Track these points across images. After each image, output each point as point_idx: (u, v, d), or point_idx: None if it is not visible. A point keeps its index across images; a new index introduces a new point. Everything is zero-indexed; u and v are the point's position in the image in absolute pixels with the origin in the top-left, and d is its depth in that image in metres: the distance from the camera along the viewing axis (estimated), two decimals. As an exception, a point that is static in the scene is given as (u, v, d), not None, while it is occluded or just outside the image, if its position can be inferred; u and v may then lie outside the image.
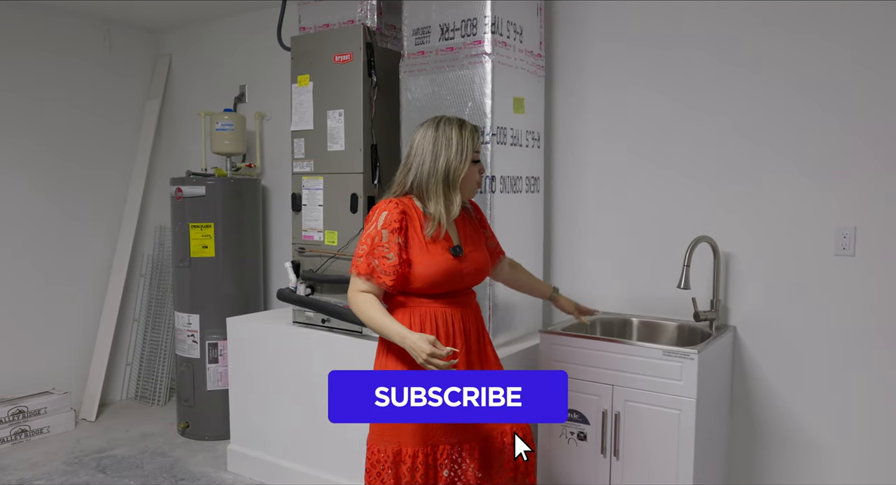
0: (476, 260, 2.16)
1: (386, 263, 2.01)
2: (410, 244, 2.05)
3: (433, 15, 2.98)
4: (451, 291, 2.10)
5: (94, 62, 4.62)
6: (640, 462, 2.56)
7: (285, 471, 3.38)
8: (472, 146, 2.08)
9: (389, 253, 2.01)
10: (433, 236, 2.06)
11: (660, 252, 3.04)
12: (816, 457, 2.77)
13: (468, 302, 2.18)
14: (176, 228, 4.08)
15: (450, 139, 2.05)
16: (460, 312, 2.12)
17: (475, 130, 2.12)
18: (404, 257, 2.03)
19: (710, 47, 2.91)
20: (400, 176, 2.13)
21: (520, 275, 2.55)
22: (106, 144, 4.69)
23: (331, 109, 3.24)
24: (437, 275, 2.05)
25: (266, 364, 3.43)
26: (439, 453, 2.06)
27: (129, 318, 4.82)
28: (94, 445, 4.01)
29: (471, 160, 2.08)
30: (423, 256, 2.05)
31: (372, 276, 2.03)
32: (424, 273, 2.04)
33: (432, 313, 2.08)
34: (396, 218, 2.04)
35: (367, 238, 2.05)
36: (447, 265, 2.06)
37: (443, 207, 2.06)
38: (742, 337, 2.90)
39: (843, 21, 2.63)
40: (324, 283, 3.29)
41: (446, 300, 2.10)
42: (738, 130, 2.87)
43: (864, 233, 2.63)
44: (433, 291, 2.07)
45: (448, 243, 2.09)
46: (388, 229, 2.03)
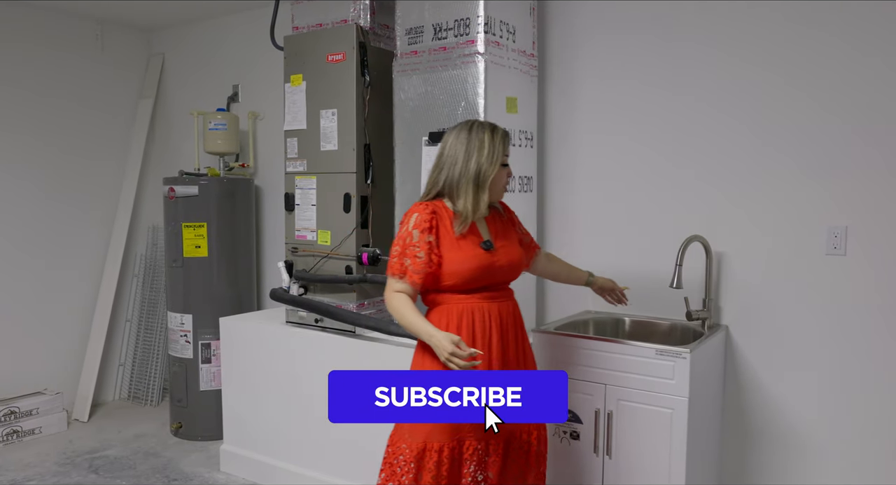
0: (509, 254, 2.22)
1: (417, 262, 2.09)
2: (441, 242, 2.12)
3: (426, 14, 2.98)
4: (485, 285, 2.16)
5: (87, 61, 4.60)
6: (632, 461, 2.56)
7: (278, 471, 3.38)
8: (502, 150, 2.16)
9: (420, 252, 2.09)
10: (462, 233, 2.13)
11: (652, 252, 3.05)
12: (809, 456, 2.78)
13: (505, 297, 2.23)
14: (169, 228, 4.07)
15: (482, 142, 2.13)
16: (497, 307, 2.17)
17: (506, 135, 2.20)
18: (435, 254, 2.10)
19: (703, 46, 2.92)
20: (433, 176, 2.20)
21: (557, 266, 2.63)
22: (98, 144, 4.68)
23: (324, 109, 3.24)
24: (470, 270, 2.11)
25: (259, 364, 3.43)
26: (465, 448, 2.12)
27: (121, 318, 4.80)
28: (86, 445, 4.00)
29: (500, 164, 2.16)
30: (454, 252, 2.11)
31: (405, 275, 2.10)
32: (457, 269, 2.10)
33: (469, 309, 2.13)
34: (426, 218, 2.11)
35: (399, 240, 2.13)
36: (479, 260, 2.12)
37: (470, 204, 2.12)
38: (734, 336, 2.91)
39: (842, 19, 2.64)
40: (317, 282, 3.29)
41: (482, 296, 2.15)
42: (730, 132, 2.88)
43: (855, 232, 2.65)
44: (467, 286, 2.13)
45: (479, 239, 2.16)
46: (418, 229, 2.10)
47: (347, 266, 3.20)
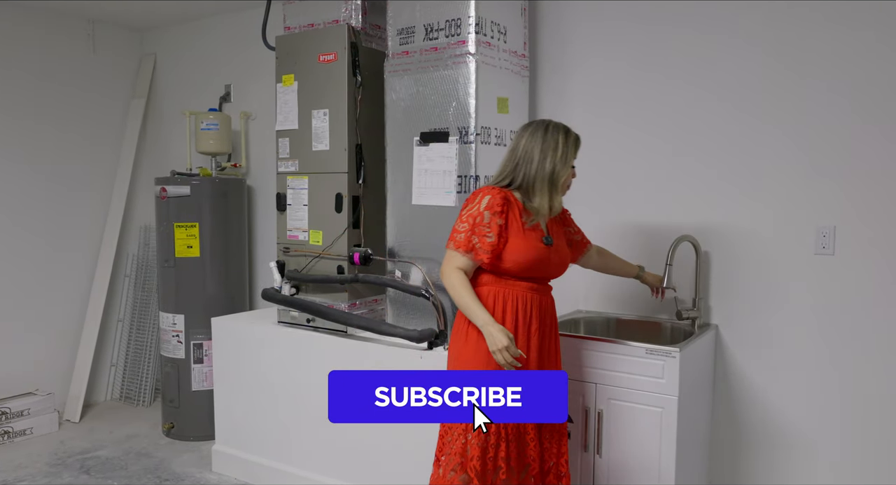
0: (561, 252, 2.39)
1: (486, 242, 2.21)
2: (510, 228, 2.24)
3: (417, 15, 2.99)
4: (535, 277, 2.30)
5: (78, 61, 4.59)
6: (622, 460, 2.58)
7: (270, 471, 3.38)
8: (574, 153, 2.32)
9: (490, 233, 2.21)
10: (532, 225, 2.27)
11: (643, 251, 3.06)
12: (797, 455, 2.80)
13: (547, 291, 2.37)
14: (161, 228, 4.07)
15: (556, 143, 2.27)
16: (539, 298, 2.31)
17: (578, 140, 2.34)
18: (504, 238, 2.23)
19: (695, 47, 2.94)
20: (507, 168, 2.32)
21: (608, 260, 2.77)
22: (90, 144, 4.66)
23: (315, 109, 3.24)
24: (530, 260, 2.25)
25: (251, 364, 3.43)
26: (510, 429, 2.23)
27: (113, 318, 4.79)
28: (78, 446, 3.99)
29: (570, 165, 2.31)
30: (519, 240, 2.24)
31: (471, 251, 2.23)
32: (518, 257, 2.24)
33: (515, 295, 2.26)
34: (499, 202, 2.24)
35: (469, 217, 2.24)
36: (539, 252, 2.27)
37: (547, 203, 2.27)
38: (724, 335, 2.93)
39: (841, 16, 2.66)
40: (308, 282, 3.30)
41: (529, 285, 2.29)
42: (720, 133, 2.90)
43: (843, 232, 2.67)
44: (522, 273, 2.26)
45: (541, 234, 2.30)
46: (490, 211, 2.22)
47: (339, 266, 3.21)
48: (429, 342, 2.88)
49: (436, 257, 2.96)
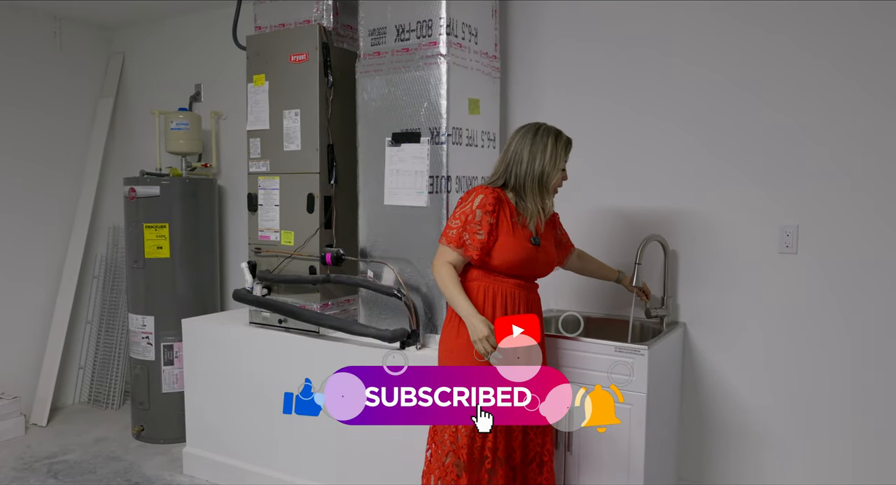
0: (548, 252, 2.46)
1: (476, 239, 2.30)
2: (500, 226, 2.32)
3: (389, 16, 3.00)
4: (523, 275, 2.39)
5: (45, 59, 4.52)
6: (593, 456, 2.61)
7: (242, 472, 3.36)
8: (564, 156, 2.38)
9: (480, 231, 2.30)
10: (522, 225, 2.35)
11: (612, 251, 3.10)
12: (765, 450, 2.86)
13: (533, 289, 2.46)
14: (130, 229, 4.02)
15: (545, 145, 2.34)
16: (525, 295, 2.40)
17: (569, 143, 2.40)
18: (493, 237, 2.31)
19: (662, 47, 2.98)
20: (499, 168, 2.41)
21: (587, 263, 2.84)
22: (57, 143, 4.59)
23: (287, 109, 3.23)
24: (517, 259, 2.33)
25: (222, 365, 3.41)
26: None
27: (81, 320, 4.73)
28: (45, 450, 3.93)
29: (560, 168, 2.37)
30: (509, 238, 2.32)
31: (461, 248, 2.32)
32: (507, 255, 2.32)
33: (503, 290, 2.36)
34: (491, 202, 2.32)
35: (461, 215, 2.33)
36: (527, 252, 2.35)
37: (539, 205, 2.36)
38: (691, 333, 2.98)
39: (792, 21, 2.72)
40: (280, 283, 3.28)
41: (516, 282, 2.37)
42: (688, 131, 2.95)
43: (806, 231, 2.73)
44: (509, 271, 2.35)
45: (530, 234, 2.38)
46: (482, 210, 2.31)
47: (311, 266, 3.20)
48: (401, 342, 2.89)
49: (408, 257, 2.97)
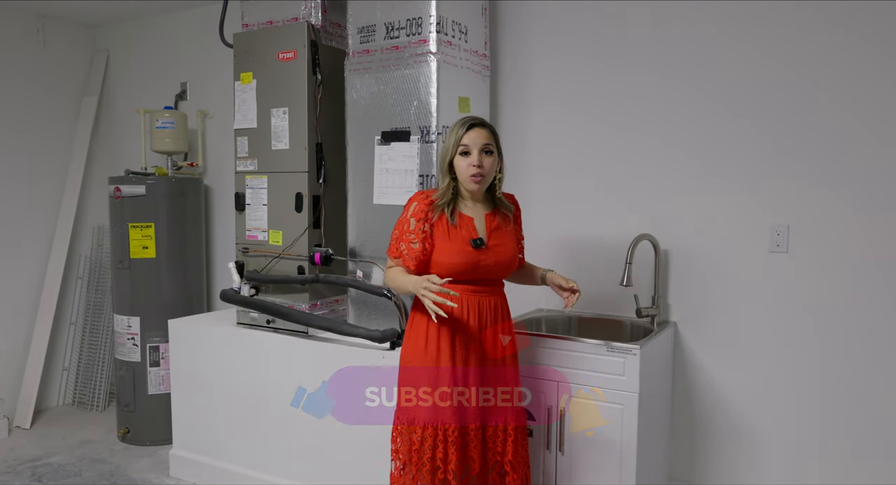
0: (499, 254, 2.29)
1: (411, 249, 2.24)
2: (436, 232, 2.24)
3: (378, 13, 2.97)
4: (470, 279, 2.26)
5: (28, 57, 4.46)
6: (585, 456, 2.60)
7: (229, 474, 3.33)
8: (455, 135, 2.24)
9: (415, 240, 2.23)
10: (457, 226, 2.24)
11: (603, 250, 3.09)
12: (756, 449, 2.86)
13: (489, 292, 2.31)
14: (115, 229, 3.97)
15: (451, 129, 2.27)
16: (478, 300, 2.27)
17: (464, 123, 2.25)
18: (428, 243, 2.23)
19: (657, 44, 2.98)
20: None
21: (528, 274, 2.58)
22: (41, 142, 4.53)
23: (275, 108, 3.20)
24: (455, 265, 2.22)
25: (209, 366, 3.37)
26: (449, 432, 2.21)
27: (65, 321, 4.67)
28: (28, 453, 3.88)
29: (458, 151, 2.23)
30: (445, 244, 2.23)
31: (399, 258, 2.27)
32: (443, 261, 2.23)
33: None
34: (423, 208, 2.24)
35: (398, 225, 2.29)
36: (465, 256, 2.23)
37: (442, 189, 2.26)
38: (682, 332, 2.98)
39: (778, 24, 2.72)
40: (268, 283, 3.25)
41: (465, 288, 2.24)
42: (679, 133, 2.94)
43: (796, 230, 2.73)
44: (455, 278, 2.21)
45: (472, 235, 2.25)
46: (415, 218, 2.24)
47: (300, 266, 3.17)
48: (391, 342, 2.87)
49: (398, 257, 2.95)
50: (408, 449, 2.24)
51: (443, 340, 2.24)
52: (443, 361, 2.23)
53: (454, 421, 2.22)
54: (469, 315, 2.25)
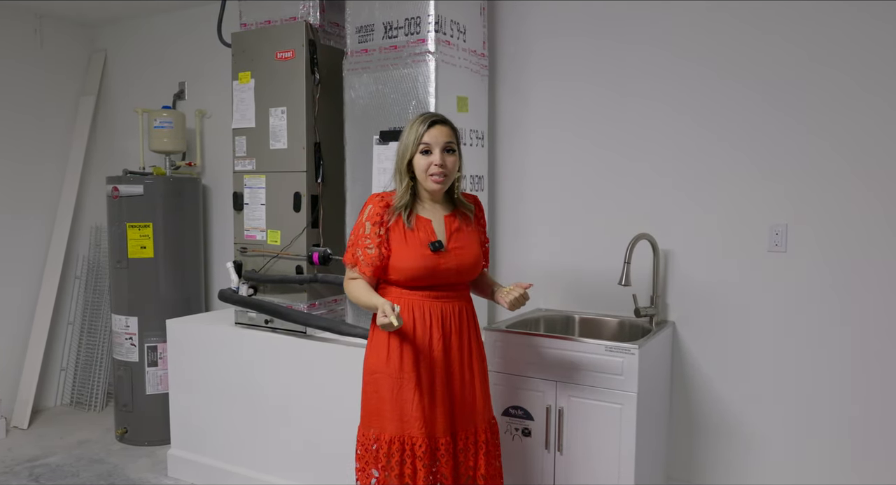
0: (461, 257, 2.18)
1: (367, 255, 2.13)
2: (392, 235, 2.14)
3: (376, 13, 2.97)
4: (430, 285, 2.15)
5: (25, 57, 4.45)
6: (583, 456, 2.60)
7: (227, 474, 3.32)
8: (415, 133, 2.12)
9: (370, 245, 2.12)
10: (414, 229, 2.13)
11: (602, 250, 3.09)
12: (754, 449, 2.86)
13: (452, 297, 2.20)
14: (113, 229, 3.97)
15: (409, 126, 2.14)
16: (440, 306, 2.16)
17: (425, 120, 2.14)
18: (385, 248, 2.13)
19: (651, 42, 2.98)
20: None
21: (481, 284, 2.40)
22: (38, 141, 4.53)
23: (273, 107, 3.20)
24: (412, 269, 2.11)
25: (208, 366, 3.37)
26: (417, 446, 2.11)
27: (63, 321, 4.66)
28: (26, 453, 3.87)
29: (419, 149, 2.11)
30: (402, 247, 2.12)
31: (355, 265, 2.16)
32: (401, 266, 2.12)
33: (410, 306, 2.14)
34: (379, 211, 2.13)
35: (354, 229, 2.17)
36: (423, 260, 2.11)
37: (400, 191, 2.15)
38: (681, 332, 2.98)
39: (790, 20, 2.72)
40: (267, 283, 3.25)
41: (426, 294, 2.15)
42: (677, 132, 2.94)
43: (795, 230, 2.73)
44: (412, 283, 2.14)
45: (430, 237, 2.14)
46: (370, 222, 2.12)
47: (298, 266, 3.17)
48: (389, 342, 2.86)
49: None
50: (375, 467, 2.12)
51: (405, 350, 2.12)
52: (406, 370, 2.11)
53: (421, 435, 2.10)
54: (431, 323, 2.14)
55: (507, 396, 2.73)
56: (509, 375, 2.72)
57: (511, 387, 2.72)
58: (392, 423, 2.11)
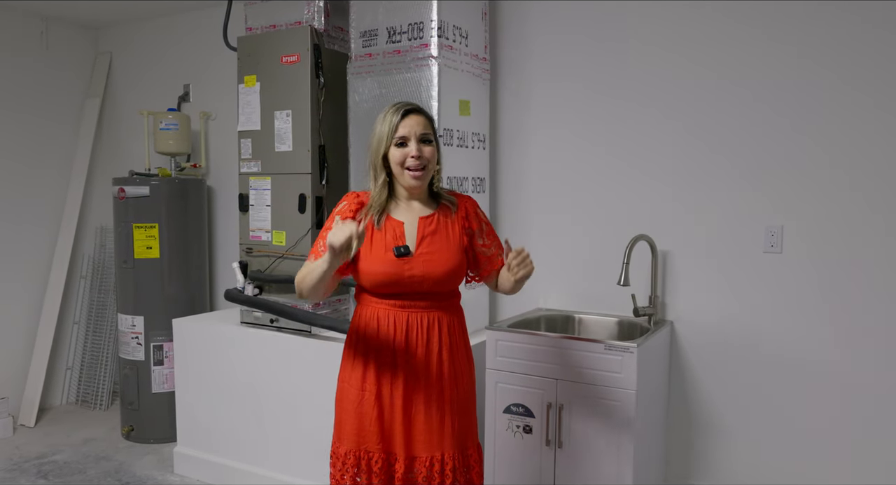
0: (430, 263, 1.95)
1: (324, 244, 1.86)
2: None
3: (380, 17, 3.02)
4: (397, 293, 1.96)
5: (31, 59, 4.50)
6: (583, 452, 2.65)
7: (233, 471, 3.37)
8: (389, 123, 1.95)
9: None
10: (382, 231, 1.95)
11: (601, 250, 3.15)
12: (751, 449, 2.91)
13: (422, 307, 1.97)
14: (119, 229, 4.02)
15: (382, 116, 1.98)
16: (406, 316, 1.96)
17: (398, 109, 1.96)
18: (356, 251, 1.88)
19: (652, 45, 3.02)
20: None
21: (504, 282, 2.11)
22: (44, 143, 4.58)
23: (278, 110, 3.25)
24: (374, 275, 1.94)
25: (213, 365, 3.42)
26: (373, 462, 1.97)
27: (69, 320, 4.71)
28: (34, 451, 3.92)
29: (394, 142, 1.94)
30: (367, 251, 1.95)
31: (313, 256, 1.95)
32: (365, 269, 1.95)
33: (375, 314, 1.98)
34: (352, 208, 1.99)
35: (326, 225, 2.01)
36: (386, 266, 1.92)
37: (375, 189, 1.99)
38: (678, 331, 3.03)
39: (779, 20, 2.77)
40: (272, 282, 3.30)
41: (393, 302, 1.97)
42: (676, 134, 2.99)
43: (790, 231, 2.78)
44: (379, 290, 1.96)
45: (396, 242, 1.94)
46: (340, 216, 1.95)
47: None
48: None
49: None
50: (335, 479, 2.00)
51: (370, 361, 1.97)
52: (368, 382, 1.97)
53: (378, 450, 1.96)
54: (396, 334, 1.95)
55: (509, 393, 2.78)
56: (511, 373, 2.77)
57: (512, 385, 2.77)
58: (350, 436, 1.98)
